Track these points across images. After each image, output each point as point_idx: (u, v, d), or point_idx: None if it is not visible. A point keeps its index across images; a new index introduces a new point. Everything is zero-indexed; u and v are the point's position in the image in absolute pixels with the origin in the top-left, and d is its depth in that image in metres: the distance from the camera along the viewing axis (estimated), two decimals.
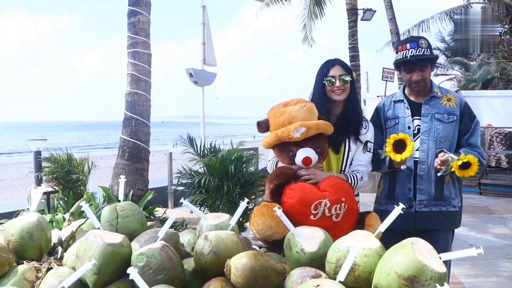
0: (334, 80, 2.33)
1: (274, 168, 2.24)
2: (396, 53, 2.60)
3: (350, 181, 2.28)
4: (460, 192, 2.65)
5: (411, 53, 2.48)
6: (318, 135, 2.01)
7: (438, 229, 2.55)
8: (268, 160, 2.44)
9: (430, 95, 2.59)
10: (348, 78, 2.34)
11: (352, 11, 11.53)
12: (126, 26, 5.27)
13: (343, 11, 11.91)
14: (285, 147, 2.02)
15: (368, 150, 2.43)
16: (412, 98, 2.65)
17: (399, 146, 2.24)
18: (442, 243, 2.54)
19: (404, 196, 2.57)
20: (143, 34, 5.18)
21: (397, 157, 2.23)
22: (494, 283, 4.30)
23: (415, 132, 2.57)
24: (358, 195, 2.41)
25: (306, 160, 1.97)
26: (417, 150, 2.53)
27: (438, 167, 2.41)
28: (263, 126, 2.14)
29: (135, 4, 5.17)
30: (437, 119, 2.53)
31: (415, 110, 2.60)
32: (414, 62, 2.50)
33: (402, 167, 2.47)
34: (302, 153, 1.97)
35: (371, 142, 2.44)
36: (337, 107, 2.40)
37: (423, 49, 2.48)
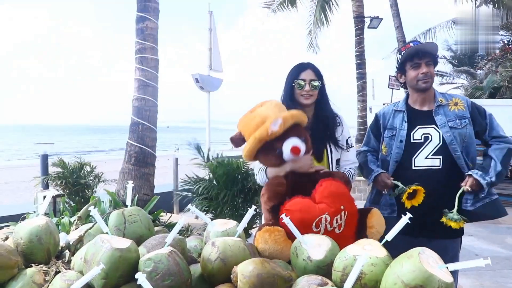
0: (303, 84, 2.31)
1: (266, 179, 2.16)
2: (400, 54, 2.60)
3: (348, 178, 2.27)
4: None
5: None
6: (296, 126, 1.90)
7: (449, 238, 2.52)
8: (256, 174, 2.34)
9: (436, 105, 2.56)
10: (317, 84, 2.33)
11: (359, 18, 11.55)
12: (135, 31, 5.31)
13: (349, 17, 11.95)
14: (268, 148, 1.88)
15: (351, 146, 2.46)
16: (416, 107, 2.63)
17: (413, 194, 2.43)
18: (451, 252, 2.53)
19: (386, 202, 2.59)
20: (151, 40, 5.22)
21: (408, 204, 2.43)
22: None
23: (421, 141, 2.54)
24: None
25: (295, 149, 1.83)
26: (426, 158, 2.51)
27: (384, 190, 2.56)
28: (237, 141, 1.98)
29: (144, 10, 5.22)
30: (451, 127, 2.50)
31: (420, 119, 2.58)
32: (420, 55, 2.50)
33: (384, 192, 2.58)
34: (288, 144, 1.84)
35: (349, 137, 2.46)
36: (307, 111, 2.36)
37: None
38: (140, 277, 1.06)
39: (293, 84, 2.33)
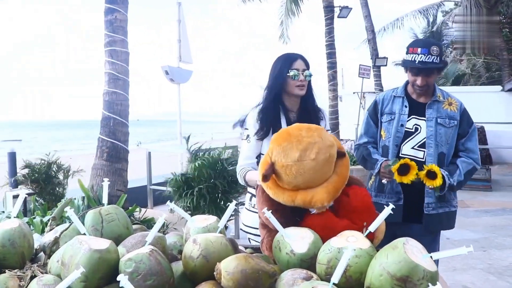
0: (298, 74, 2.26)
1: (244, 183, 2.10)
2: (406, 53, 2.58)
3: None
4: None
5: (420, 58, 2.46)
6: None
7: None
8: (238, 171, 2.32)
9: (433, 99, 2.61)
10: (309, 73, 2.30)
11: (329, 8, 11.56)
12: (104, 24, 5.16)
13: (319, 7, 11.96)
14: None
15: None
16: (413, 97, 2.66)
17: (404, 169, 2.38)
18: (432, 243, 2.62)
19: (392, 190, 2.61)
20: (121, 32, 5.07)
21: (404, 179, 2.38)
22: (471, 276, 4.41)
23: (412, 130, 2.59)
24: None
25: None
26: (412, 148, 2.58)
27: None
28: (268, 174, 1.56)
29: (112, 2, 5.06)
30: (439, 124, 2.56)
31: (415, 109, 2.62)
32: (420, 69, 2.49)
33: (384, 181, 2.53)
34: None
35: (329, 130, 2.39)
36: (294, 103, 2.36)
37: (432, 57, 2.45)
38: (122, 279, 1.02)
39: (288, 74, 2.26)
